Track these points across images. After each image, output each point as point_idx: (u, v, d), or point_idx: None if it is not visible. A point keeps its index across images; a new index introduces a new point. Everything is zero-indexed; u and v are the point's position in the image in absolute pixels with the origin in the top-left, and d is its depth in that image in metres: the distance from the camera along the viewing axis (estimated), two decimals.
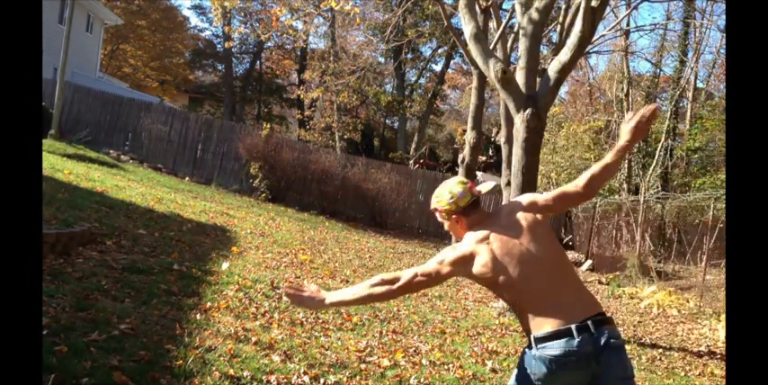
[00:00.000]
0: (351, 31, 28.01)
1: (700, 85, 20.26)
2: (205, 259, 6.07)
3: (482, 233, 2.20)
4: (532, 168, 6.67)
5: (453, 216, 2.28)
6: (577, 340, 2.01)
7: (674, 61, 18.67)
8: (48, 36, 16.74)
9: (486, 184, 2.33)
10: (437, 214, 2.33)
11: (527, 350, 2.13)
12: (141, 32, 31.22)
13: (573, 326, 2.02)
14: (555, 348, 2.02)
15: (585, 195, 2.21)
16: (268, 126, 16.08)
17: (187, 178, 15.15)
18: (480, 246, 2.17)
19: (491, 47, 9.58)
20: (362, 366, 3.78)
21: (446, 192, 2.28)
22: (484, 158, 27.76)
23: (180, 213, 8.63)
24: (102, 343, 3.20)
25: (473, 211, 2.28)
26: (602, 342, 2.02)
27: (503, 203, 3.58)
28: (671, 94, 18.44)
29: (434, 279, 2.24)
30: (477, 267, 2.16)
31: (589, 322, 2.03)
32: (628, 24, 17.85)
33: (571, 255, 16.17)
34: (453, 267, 2.20)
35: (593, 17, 6.04)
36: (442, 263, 2.21)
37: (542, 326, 2.06)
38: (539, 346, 2.06)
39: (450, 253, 2.23)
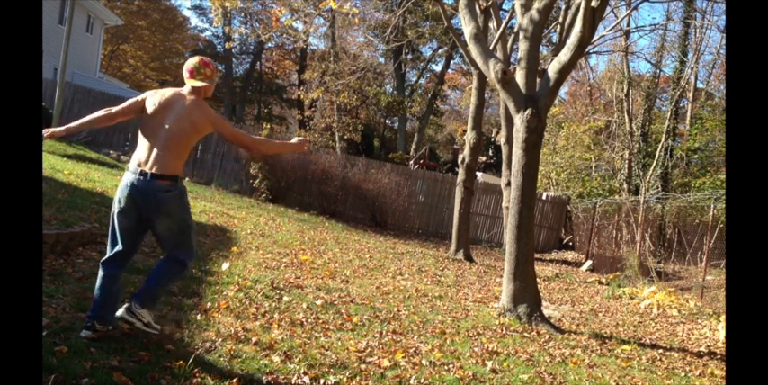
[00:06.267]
0: (351, 32, 28.03)
1: (700, 85, 20.27)
2: (205, 259, 6.07)
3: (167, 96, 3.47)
4: (532, 168, 6.66)
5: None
6: (134, 175, 3.27)
7: (674, 61, 18.67)
8: (48, 36, 16.77)
9: None
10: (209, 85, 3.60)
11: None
12: (141, 33, 31.25)
13: (138, 168, 3.27)
14: (125, 176, 3.32)
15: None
16: (268, 126, 16.10)
17: (187, 178, 15.15)
18: (155, 98, 3.44)
19: (491, 47, 9.59)
20: (362, 366, 3.78)
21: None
22: (484, 158, 27.78)
23: None
24: (102, 343, 3.21)
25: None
26: (144, 187, 3.24)
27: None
28: (671, 94, 18.44)
29: (133, 108, 3.44)
30: (149, 105, 3.42)
31: (148, 172, 3.25)
32: (628, 25, 17.88)
33: (571, 255, 16.19)
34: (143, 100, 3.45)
35: (594, 17, 6.05)
36: (137, 99, 3.47)
37: (133, 160, 3.33)
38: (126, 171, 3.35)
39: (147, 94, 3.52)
